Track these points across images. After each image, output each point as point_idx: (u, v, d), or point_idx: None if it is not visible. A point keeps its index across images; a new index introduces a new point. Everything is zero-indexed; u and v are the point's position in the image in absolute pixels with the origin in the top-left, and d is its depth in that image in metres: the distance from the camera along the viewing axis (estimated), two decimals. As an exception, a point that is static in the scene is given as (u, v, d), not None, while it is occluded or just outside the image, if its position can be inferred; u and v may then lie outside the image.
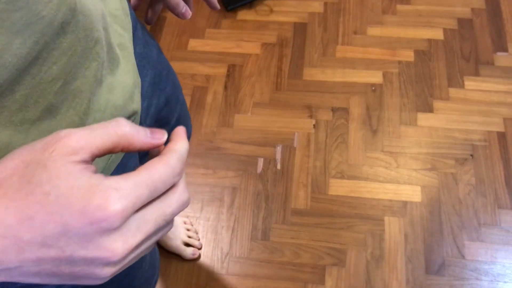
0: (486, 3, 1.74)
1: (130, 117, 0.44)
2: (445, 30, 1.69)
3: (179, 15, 0.57)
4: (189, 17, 0.56)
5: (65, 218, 0.25)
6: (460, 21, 1.71)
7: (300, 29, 1.73)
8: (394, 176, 1.39)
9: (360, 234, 1.31)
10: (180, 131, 0.32)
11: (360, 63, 1.63)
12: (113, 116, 0.40)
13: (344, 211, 1.35)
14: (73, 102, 0.35)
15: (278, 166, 1.43)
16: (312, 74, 1.62)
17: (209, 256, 1.30)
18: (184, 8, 0.56)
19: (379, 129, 1.49)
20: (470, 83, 1.56)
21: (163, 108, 0.66)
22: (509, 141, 1.44)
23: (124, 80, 0.43)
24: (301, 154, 1.45)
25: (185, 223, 1.33)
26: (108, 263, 0.26)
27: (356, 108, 1.53)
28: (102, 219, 0.25)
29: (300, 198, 1.37)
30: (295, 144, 1.47)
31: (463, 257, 1.26)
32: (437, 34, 1.68)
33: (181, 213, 1.36)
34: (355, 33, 1.71)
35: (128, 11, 0.50)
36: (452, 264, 1.25)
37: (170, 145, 0.30)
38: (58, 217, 0.25)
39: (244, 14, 1.78)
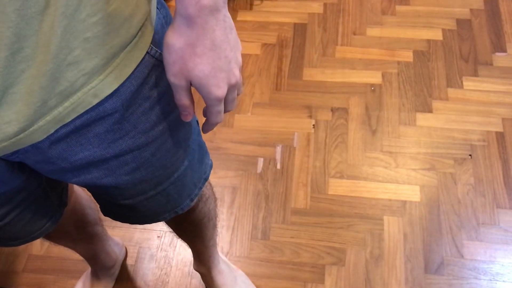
0: (485, 4, 1.75)
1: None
2: (444, 30, 1.70)
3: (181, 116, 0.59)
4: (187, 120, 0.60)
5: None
6: (459, 21, 1.72)
7: (300, 29, 1.74)
8: (393, 176, 1.40)
9: (359, 233, 1.31)
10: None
11: (359, 63, 1.64)
12: None
13: (343, 210, 1.35)
14: None
15: (278, 166, 1.44)
16: (312, 74, 1.62)
17: (209, 255, 1.30)
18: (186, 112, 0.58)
19: (379, 129, 1.49)
20: (469, 83, 1.57)
21: None
22: (508, 141, 1.45)
23: None
24: (300, 154, 1.46)
25: None
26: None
27: (356, 108, 1.54)
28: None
29: (300, 198, 1.38)
30: (294, 144, 1.48)
31: (462, 256, 1.27)
32: (436, 34, 1.69)
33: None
34: (354, 33, 1.71)
35: None
36: (451, 263, 1.26)
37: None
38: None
39: (244, 15, 1.79)
